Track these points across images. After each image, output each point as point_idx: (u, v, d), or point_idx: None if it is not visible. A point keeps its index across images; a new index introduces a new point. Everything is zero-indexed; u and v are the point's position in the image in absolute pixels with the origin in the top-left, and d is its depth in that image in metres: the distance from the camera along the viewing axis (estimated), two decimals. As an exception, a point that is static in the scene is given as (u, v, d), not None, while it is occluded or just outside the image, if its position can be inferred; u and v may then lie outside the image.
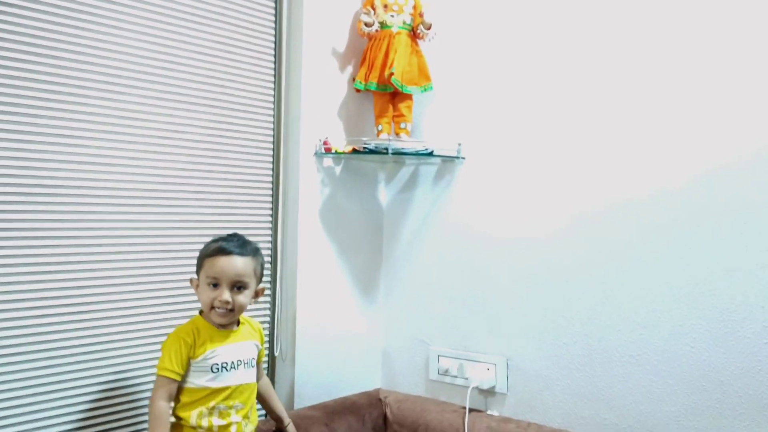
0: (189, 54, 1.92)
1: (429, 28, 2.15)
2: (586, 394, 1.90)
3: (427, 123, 2.28)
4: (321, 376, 2.21)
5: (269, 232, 2.14)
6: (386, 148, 2.10)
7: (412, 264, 2.33)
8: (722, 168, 1.68)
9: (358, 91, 2.21)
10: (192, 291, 1.66)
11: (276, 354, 2.15)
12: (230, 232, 1.72)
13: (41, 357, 1.62)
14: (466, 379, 2.13)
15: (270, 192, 2.14)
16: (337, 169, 2.25)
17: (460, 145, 2.17)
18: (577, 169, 1.93)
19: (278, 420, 1.81)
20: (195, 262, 1.64)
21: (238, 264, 1.60)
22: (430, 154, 2.15)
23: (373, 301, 2.39)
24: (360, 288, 2.35)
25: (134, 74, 1.80)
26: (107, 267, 1.75)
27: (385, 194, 2.41)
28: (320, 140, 2.15)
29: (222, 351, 1.59)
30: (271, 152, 2.14)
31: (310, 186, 2.16)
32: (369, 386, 2.34)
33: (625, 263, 1.84)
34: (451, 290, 2.21)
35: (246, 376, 1.63)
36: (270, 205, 2.14)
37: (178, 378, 1.55)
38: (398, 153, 2.12)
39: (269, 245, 2.14)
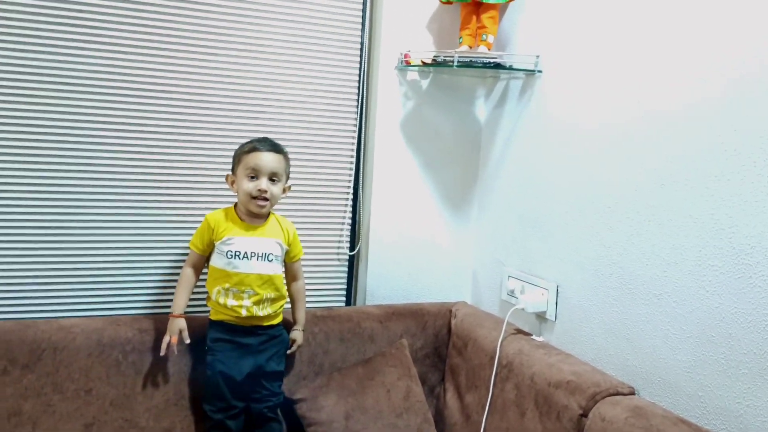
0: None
1: (510, -68, 2.03)
2: (615, 332, 1.75)
3: (515, 35, 2.18)
4: (396, 280, 2.35)
5: (353, 141, 2.30)
6: (452, 61, 2.08)
7: (499, 183, 2.29)
8: (756, 90, 1.37)
9: (443, 2, 2.20)
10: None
11: (352, 253, 2.34)
12: (317, 139, 2.12)
13: (139, 226, 2.08)
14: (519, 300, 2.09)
15: (356, 104, 2.28)
16: (424, 83, 2.30)
17: (538, 57, 2.06)
18: (636, 89, 1.70)
19: (294, 322, 2.02)
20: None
21: (273, 159, 1.84)
22: (497, 66, 2.07)
23: (465, 218, 2.42)
24: (451, 203, 2.39)
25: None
26: (195, 165, 2.11)
27: (483, 110, 2.37)
28: (401, 53, 2.21)
29: (238, 241, 1.84)
30: (357, 65, 2.27)
31: (389, 98, 2.25)
32: (455, 299, 2.40)
33: (657, 190, 1.62)
34: (523, 210, 2.15)
35: (259, 267, 1.84)
36: (355, 116, 2.29)
37: (200, 252, 1.86)
38: (464, 65, 2.09)
39: (353, 154, 2.30)
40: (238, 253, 1.82)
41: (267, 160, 1.82)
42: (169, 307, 1.94)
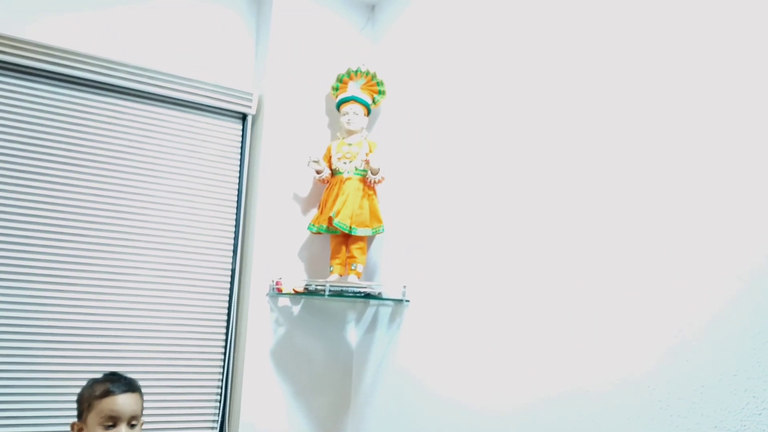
0: (156, 200, 2.19)
1: (375, 173, 2.20)
2: None
3: (382, 264, 2.28)
4: None
5: (220, 371, 2.22)
6: (323, 290, 2.12)
7: (372, 410, 2.25)
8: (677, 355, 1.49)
9: (313, 233, 2.29)
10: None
11: (216, 495, 2.16)
12: (182, 369, 1.98)
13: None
14: None
15: (224, 331, 2.24)
16: (296, 309, 2.30)
17: (405, 287, 2.14)
18: (502, 319, 1.79)
19: None
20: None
21: (131, 401, 1.67)
22: (366, 296, 2.13)
23: (338, 448, 2.33)
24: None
25: (111, 216, 2.07)
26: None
27: (354, 334, 2.39)
28: (273, 281, 2.23)
29: None
30: (227, 292, 2.26)
31: (260, 325, 2.23)
32: None
33: (528, 422, 1.65)
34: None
35: None
36: (223, 344, 2.23)
37: None
38: (336, 294, 2.13)
39: (220, 385, 2.21)
40: None
41: (125, 403, 1.64)
42: None
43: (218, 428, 2.19)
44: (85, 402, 1.64)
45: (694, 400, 1.25)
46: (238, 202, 2.32)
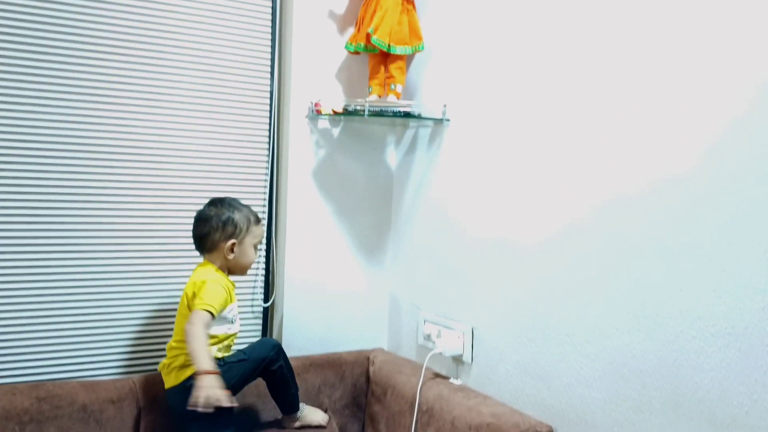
0: (187, 19, 2.11)
1: (415, -15, 2.10)
2: (531, 371, 1.79)
3: (422, 84, 2.24)
4: (314, 330, 2.31)
5: (264, 191, 2.27)
6: (363, 110, 2.11)
7: (412, 228, 2.32)
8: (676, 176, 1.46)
9: (351, 53, 2.23)
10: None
11: (266, 305, 2.29)
12: (227, 189, 2.12)
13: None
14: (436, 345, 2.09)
15: (266, 153, 2.26)
16: (335, 131, 2.31)
17: (445, 106, 2.11)
18: (544, 136, 1.77)
19: None
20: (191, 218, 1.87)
21: None
22: (406, 115, 2.11)
23: (380, 264, 2.43)
24: (365, 249, 2.39)
25: (135, 35, 2.03)
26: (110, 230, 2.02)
27: (394, 156, 2.41)
28: (312, 102, 2.22)
29: (234, 306, 1.85)
30: (267, 115, 2.26)
31: (301, 147, 2.25)
32: (373, 346, 2.39)
33: (567, 234, 1.68)
34: (437, 255, 2.18)
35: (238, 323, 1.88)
36: (266, 166, 2.27)
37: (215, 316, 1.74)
38: (375, 114, 2.12)
39: (265, 204, 2.27)
40: (235, 317, 1.85)
41: None
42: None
43: (266, 248, 2.28)
44: (243, 224, 1.81)
45: (740, 197, 1.25)
46: (273, 20, 2.25)
